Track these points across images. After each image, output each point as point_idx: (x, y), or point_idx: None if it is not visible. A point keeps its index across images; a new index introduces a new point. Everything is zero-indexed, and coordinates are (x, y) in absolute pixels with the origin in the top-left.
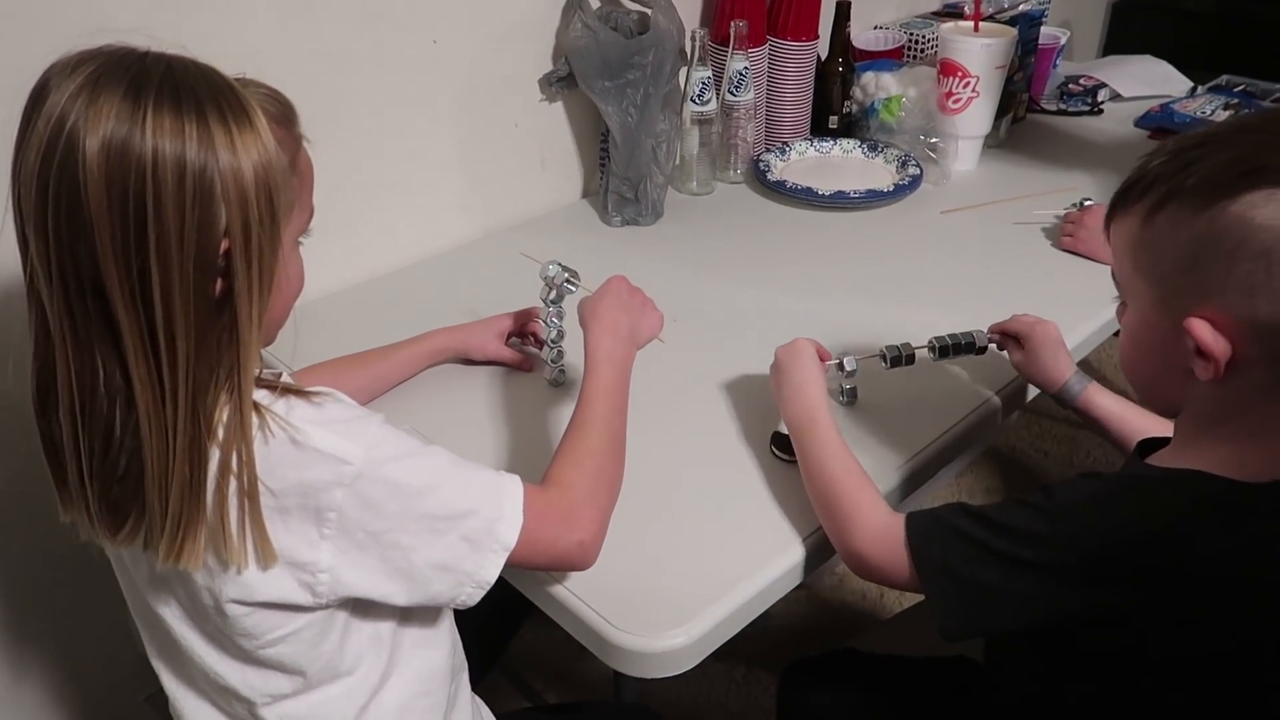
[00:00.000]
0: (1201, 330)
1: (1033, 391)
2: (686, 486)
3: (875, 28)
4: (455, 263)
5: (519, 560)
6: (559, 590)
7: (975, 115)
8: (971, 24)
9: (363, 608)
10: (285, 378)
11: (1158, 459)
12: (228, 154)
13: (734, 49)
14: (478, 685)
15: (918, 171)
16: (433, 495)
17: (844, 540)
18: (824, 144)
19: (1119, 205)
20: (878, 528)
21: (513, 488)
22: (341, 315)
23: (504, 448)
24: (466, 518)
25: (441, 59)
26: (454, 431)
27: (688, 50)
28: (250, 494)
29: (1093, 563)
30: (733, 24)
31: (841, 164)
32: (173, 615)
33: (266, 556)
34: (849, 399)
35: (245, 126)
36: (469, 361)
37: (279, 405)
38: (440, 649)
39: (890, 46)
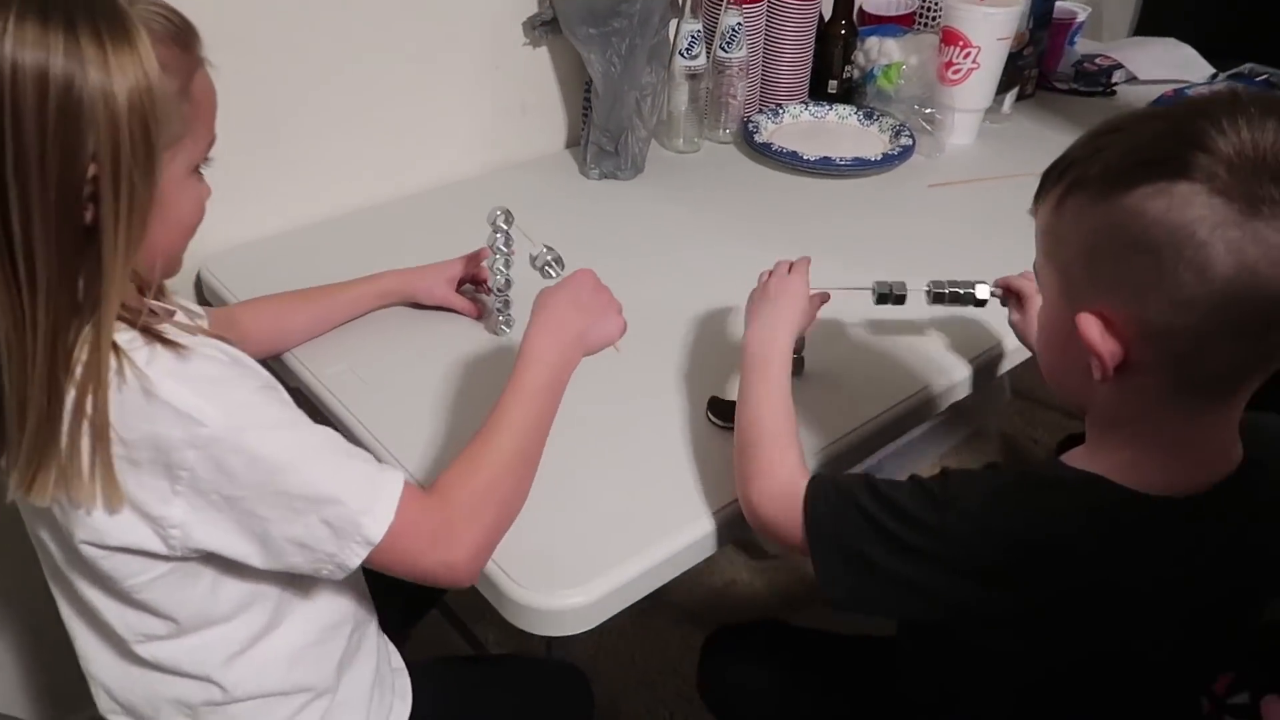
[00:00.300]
0: (1089, 327)
1: (1006, 367)
2: (614, 445)
3: None
4: (422, 205)
5: (378, 564)
6: None
7: (975, 88)
8: None
9: (232, 564)
10: (178, 318)
11: (1069, 458)
12: (98, 72)
13: (728, 4)
14: (402, 632)
15: (910, 142)
16: (294, 474)
17: (744, 489)
18: (819, 109)
19: (1040, 189)
20: (780, 482)
21: (391, 485)
22: (299, 253)
23: (437, 397)
24: (329, 504)
25: None
26: (390, 377)
27: (680, 2)
28: (100, 438)
29: (972, 559)
30: None
31: (835, 130)
32: (51, 546)
33: (113, 500)
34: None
35: (123, 45)
36: (419, 306)
37: (141, 352)
38: (339, 599)
39: (901, 12)
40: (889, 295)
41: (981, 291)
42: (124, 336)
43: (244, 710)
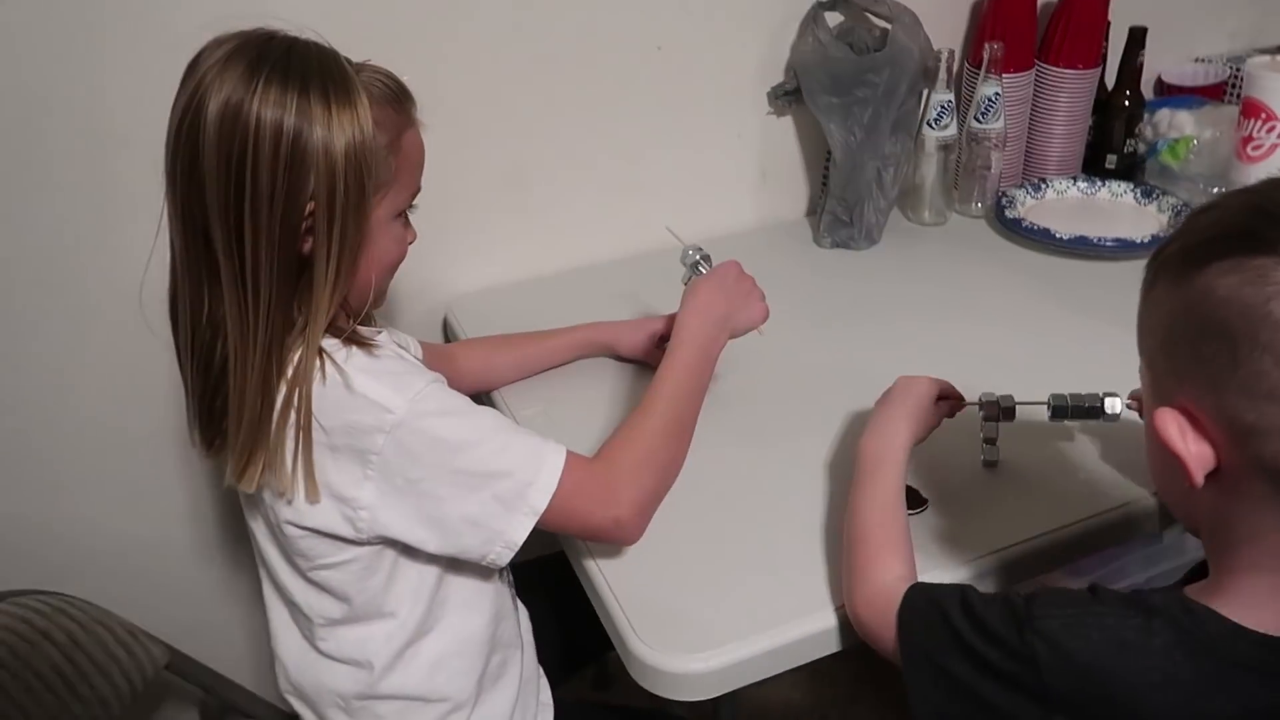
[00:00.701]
0: (1166, 425)
1: None
2: (761, 515)
3: (1195, 60)
4: (653, 264)
5: (552, 524)
6: (604, 587)
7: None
8: None
9: (409, 553)
10: (380, 337)
11: (1192, 589)
12: (322, 128)
13: (986, 72)
14: (560, 681)
15: None
16: (469, 452)
17: (848, 592)
18: (1089, 184)
19: (1143, 281)
20: (878, 589)
21: (554, 456)
22: (535, 300)
23: None
24: (500, 478)
25: (665, 65)
26: (580, 423)
27: (938, 71)
28: (305, 429)
29: (1047, 685)
30: (986, 46)
31: (1107, 208)
32: (260, 531)
33: (310, 491)
34: (989, 456)
35: (344, 105)
36: (619, 358)
37: (340, 353)
38: (479, 616)
39: (1208, 82)
40: (998, 413)
41: (1112, 405)
42: (328, 343)
43: (389, 709)
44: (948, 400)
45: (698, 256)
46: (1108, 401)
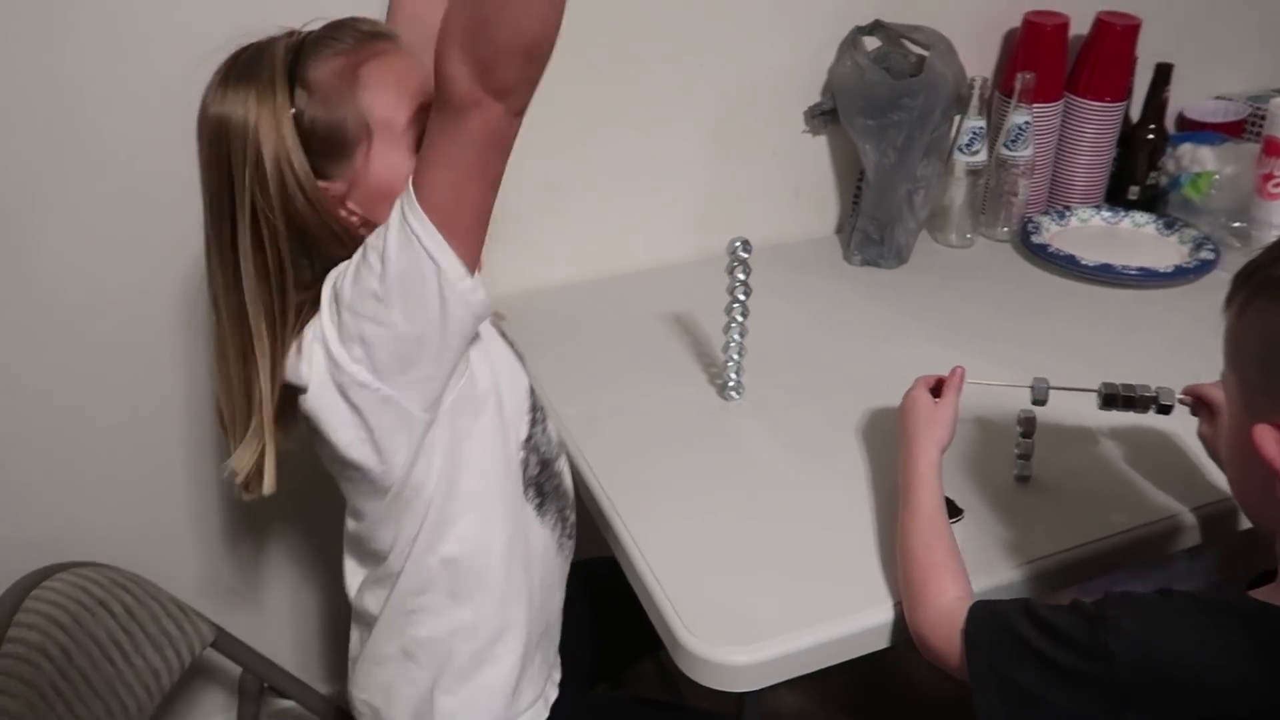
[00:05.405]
0: (1265, 441)
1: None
2: (819, 518)
3: (1216, 97)
4: (682, 275)
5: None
6: (651, 581)
7: None
8: None
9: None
10: None
11: (1257, 592)
12: (236, 108)
13: (1017, 101)
14: (589, 685)
15: (1211, 256)
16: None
17: (909, 616)
18: (1113, 214)
19: (1230, 293)
20: (940, 610)
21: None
22: (572, 304)
23: (657, 448)
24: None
25: (707, 80)
26: (620, 424)
27: (971, 98)
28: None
29: (1126, 683)
30: (1018, 76)
31: (1129, 238)
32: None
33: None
34: (1021, 472)
35: (248, 85)
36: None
37: None
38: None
39: (1229, 119)
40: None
41: (1165, 395)
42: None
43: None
44: (947, 388)
45: (738, 244)
46: (1162, 393)
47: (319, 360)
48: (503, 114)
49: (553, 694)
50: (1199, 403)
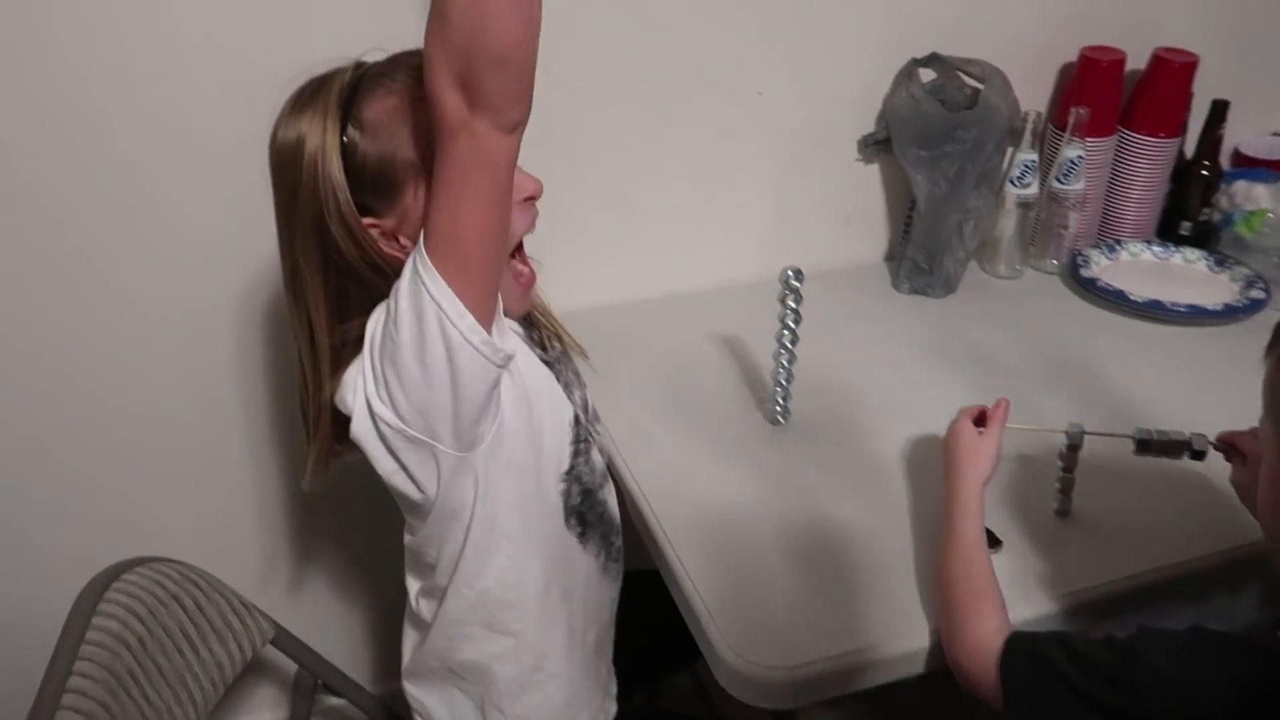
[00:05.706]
0: None
1: None
2: (851, 539)
3: (1272, 134)
4: (737, 297)
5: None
6: (694, 596)
7: None
8: None
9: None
10: None
11: None
12: (293, 130)
13: (1070, 135)
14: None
15: (1262, 296)
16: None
17: (947, 644)
18: (1164, 249)
19: (1269, 346)
20: (978, 640)
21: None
22: (623, 320)
23: (701, 464)
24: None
25: (765, 108)
26: (666, 439)
27: (1024, 132)
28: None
29: (1150, 716)
30: (1072, 111)
31: (1179, 274)
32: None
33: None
34: (1061, 506)
35: (313, 109)
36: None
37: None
38: (529, 618)
39: None
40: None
41: (1199, 442)
42: None
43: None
44: (991, 420)
45: (790, 273)
46: (1195, 440)
47: (361, 395)
48: (490, 129)
49: (611, 708)
50: (1232, 449)
